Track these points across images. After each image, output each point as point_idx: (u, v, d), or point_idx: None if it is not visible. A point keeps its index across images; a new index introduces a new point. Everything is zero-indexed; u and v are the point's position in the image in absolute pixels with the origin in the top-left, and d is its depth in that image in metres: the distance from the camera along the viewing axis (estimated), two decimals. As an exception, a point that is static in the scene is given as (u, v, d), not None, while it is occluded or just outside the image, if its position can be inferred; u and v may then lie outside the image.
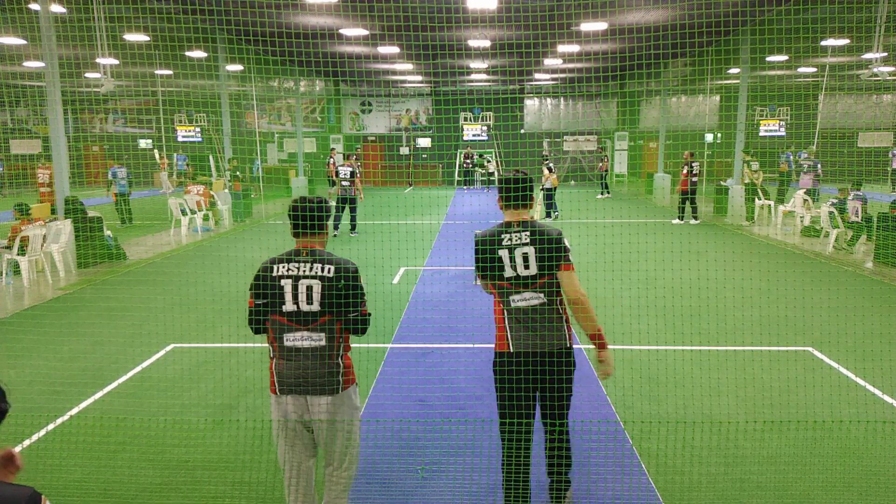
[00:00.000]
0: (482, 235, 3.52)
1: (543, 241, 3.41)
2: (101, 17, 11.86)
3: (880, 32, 12.93)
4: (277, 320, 3.14)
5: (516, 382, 3.51)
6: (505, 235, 3.45)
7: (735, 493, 4.10)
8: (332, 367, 3.16)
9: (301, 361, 3.12)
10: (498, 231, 3.49)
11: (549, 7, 14.98)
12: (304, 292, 3.09)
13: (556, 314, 3.47)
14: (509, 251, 3.42)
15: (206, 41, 18.24)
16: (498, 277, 3.46)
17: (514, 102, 34.09)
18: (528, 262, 3.40)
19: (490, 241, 3.47)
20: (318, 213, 3.24)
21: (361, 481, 4.24)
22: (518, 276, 3.42)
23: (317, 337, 3.12)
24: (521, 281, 3.42)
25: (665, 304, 8.21)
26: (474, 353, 6.77)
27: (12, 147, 30.46)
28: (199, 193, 16.57)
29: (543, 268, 3.40)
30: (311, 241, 3.25)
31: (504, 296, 3.48)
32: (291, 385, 3.14)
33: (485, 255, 3.46)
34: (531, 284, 3.42)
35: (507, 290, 3.46)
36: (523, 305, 3.45)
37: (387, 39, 20.17)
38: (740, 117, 18.68)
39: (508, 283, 3.44)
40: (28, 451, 4.67)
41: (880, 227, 11.46)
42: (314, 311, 3.11)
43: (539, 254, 3.40)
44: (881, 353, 6.59)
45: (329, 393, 3.15)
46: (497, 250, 3.43)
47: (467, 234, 12.45)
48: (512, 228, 3.47)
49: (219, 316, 8.31)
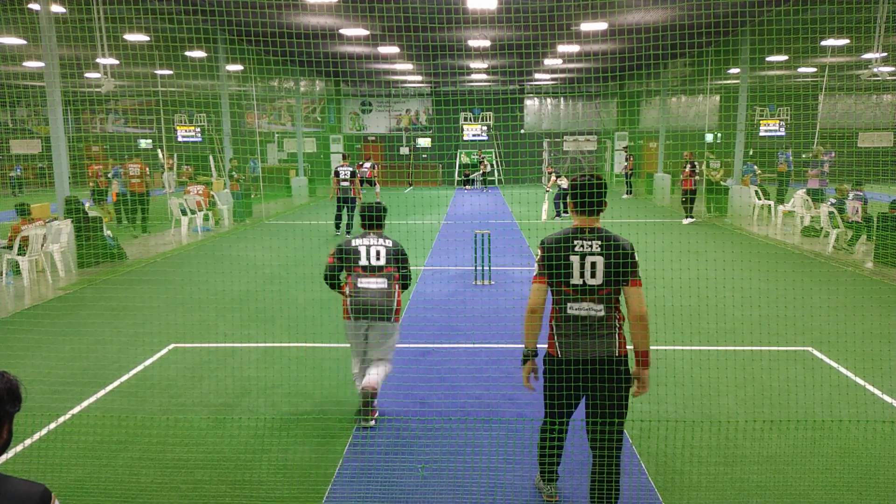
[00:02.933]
0: (554, 240, 3.46)
1: (614, 253, 3.35)
2: (101, 17, 11.86)
3: (880, 32, 12.92)
4: (355, 270, 4.94)
5: (564, 390, 3.49)
6: (577, 241, 3.39)
7: (735, 493, 4.10)
8: (392, 303, 4.95)
9: (371, 297, 4.89)
10: (571, 237, 3.41)
11: (549, 7, 14.98)
12: (374, 254, 4.97)
13: (610, 327, 3.41)
14: (581, 258, 3.36)
15: (206, 41, 18.23)
16: (564, 283, 3.40)
17: (514, 102, 34.10)
18: (596, 272, 3.35)
19: (563, 247, 3.39)
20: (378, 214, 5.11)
21: (362, 481, 4.25)
22: (584, 283, 3.37)
23: (381, 281, 4.94)
24: (585, 289, 3.38)
25: (665, 304, 8.21)
26: (474, 353, 6.77)
27: (12, 147, 30.45)
28: (199, 193, 16.57)
29: (609, 281, 3.36)
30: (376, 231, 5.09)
31: (562, 302, 3.44)
32: (360, 314, 4.90)
33: (558, 260, 3.39)
34: (593, 295, 3.38)
35: (568, 296, 3.41)
36: (580, 314, 3.40)
37: (387, 39, 20.18)
38: (740, 117, 18.69)
39: (572, 290, 3.39)
40: (29, 451, 4.67)
41: (880, 227, 11.47)
42: (381, 265, 4.96)
43: (607, 264, 3.35)
44: (881, 353, 6.59)
45: (387, 321, 4.94)
46: (570, 256, 3.37)
47: (467, 233, 12.45)
48: (584, 235, 3.40)
49: (219, 316, 8.32)
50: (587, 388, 3.46)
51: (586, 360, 3.39)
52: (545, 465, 3.86)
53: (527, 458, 4.45)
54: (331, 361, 6.54)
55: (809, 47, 18.33)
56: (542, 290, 3.47)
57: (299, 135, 26.69)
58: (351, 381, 5.48)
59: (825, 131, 23.80)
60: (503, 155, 33.55)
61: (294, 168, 26.93)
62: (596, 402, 3.46)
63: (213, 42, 18.45)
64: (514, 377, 6.08)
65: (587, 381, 3.42)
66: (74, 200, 11.52)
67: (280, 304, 8.71)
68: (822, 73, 23.55)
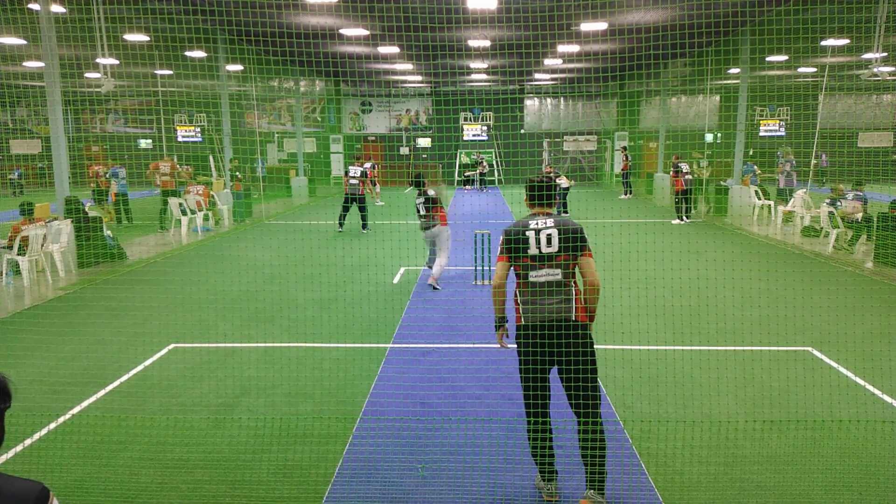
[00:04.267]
0: (513, 225, 4.04)
1: (564, 228, 3.94)
2: (101, 17, 11.86)
3: (880, 32, 12.92)
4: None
5: (532, 354, 3.92)
6: (532, 222, 3.99)
7: (735, 493, 4.10)
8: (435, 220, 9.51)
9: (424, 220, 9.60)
10: (526, 220, 4.03)
11: (548, 7, 14.98)
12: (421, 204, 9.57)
13: (567, 292, 3.90)
14: (536, 233, 3.93)
15: (206, 41, 18.23)
16: (522, 255, 3.93)
17: (514, 102, 34.10)
18: (551, 242, 3.90)
19: (520, 228, 3.98)
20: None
21: (361, 481, 4.25)
22: (541, 253, 3.89)
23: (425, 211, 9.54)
24: (542, 256, 3.89)
25: (665, 303, 8.22)
26: (474, 353, 6.77)
27: (12, 147, 30.47)
28: (199, 193, 16.56)
29: (564, 248, 3.89)
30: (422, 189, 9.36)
31: (524, 270, 3.94)
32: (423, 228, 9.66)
33: (515, 237, 3.95)
34: (550, 261, 3.89)
35: (528, 265, 3.92)
36: (539, 280, 3.90)
37: (387, 39, 20.18)
38: (740, 117, 18.69)
39: (531, 260, 3.91)
40: (29, 451, 4.67)
41: (880, 227, 11.47)
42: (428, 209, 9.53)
43: (561, 236, 3.90)
44: (881, 353, 6.59)
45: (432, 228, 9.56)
46: (525, 232, 3.95)
47: (467, 233, 12.46)
48: (538, 217, 4.02)
49: (219, 316, 8.32)
50: (553, 353, 3.88)
51: (549, 323, 3.86)
52: (541, 464, 4.08)
53: (527, 458, 4.45)
54: (331, 361, 6.54)
55: (809, 47, 18.32)
56: (504, 267, 4.01)
57: (299, 135, 26.69)
58: (351, 380, 5.71)
59: (825, 131, 23.79)
60: (503, 155, 33.55)
61: (294, 168, 26.94)
62: (564, 366, 3.87)
63: (213, 42, 18.45)
64: (514, 377, 6.09)
65: (553, 346, 3.86)
66: (74, 200, 11.52)
67: (280, 304, 8.71)
68: (822, 73, 23.54)
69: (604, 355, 6.67)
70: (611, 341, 7.05)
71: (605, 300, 8.57)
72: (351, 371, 6.25)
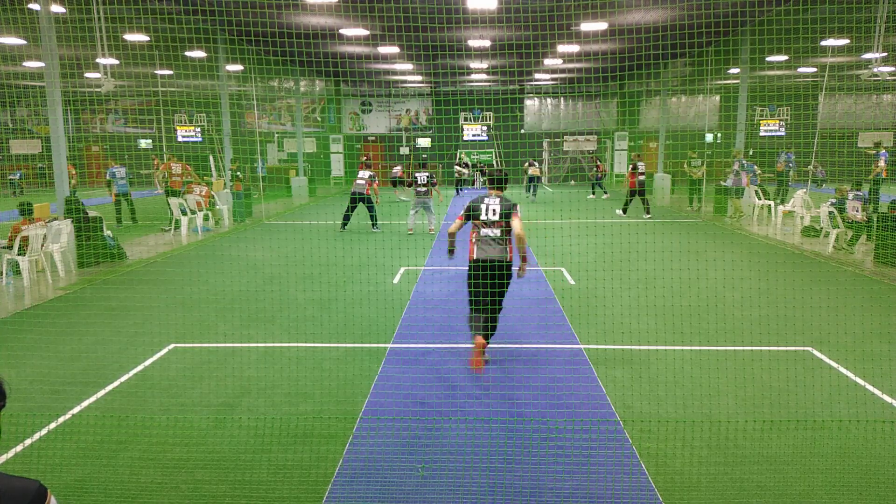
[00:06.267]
0: (472, 200, 6.31)
1: (504, 204, 6.18)
2: (101, 17, 11.86)
3: (880, 32, 12.93)
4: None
5: (476, 278, 6.13)
6: (487, 198, 6.25)
7: (735, 493, 4.10)
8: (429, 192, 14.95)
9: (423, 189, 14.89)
10: (483, 197, 6.29)
11: (548, 7, 14.98)
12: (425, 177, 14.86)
13: (503, 241, 6.14)
14: (486, 206, 6.17)
15: (206, 41, 18.24)
16: (476, 219, 6.21)
17: (514, 102, 34.11)
18: (495, 212, 6.13)
19: (478, 203, 6.24)
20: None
21: (361, 481, 4.25)
22: (488, 219, 6.15)
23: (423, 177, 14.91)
24: (489, 221, 6.15)
25: (665, 304, 8.21)
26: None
27: (12, 147, 30.46)
28: (199, 194, 16.56)
29: (503, 215, 6.12)
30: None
31: (477, 228, 6.20)
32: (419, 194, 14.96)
33: (474, 207, 6.22)
34: (494, 224, 6.14)
35: (479, 226, 6.19)
36: (487, 234, 6.16)
37: (387, 39, 20.18)
38: (740, 117, 18.70)
39: (482, 223, 6.17)
40: (29, 450, 4.67)
41: (880, 227, 11.46)
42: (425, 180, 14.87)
43: (503, 210, 6.13)
44: (881, 353, 6.59)
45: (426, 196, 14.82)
46: (480, 206, 6.19)
47: (467, 234, 12.46)
48: (491, 196, 6.28)
49: (219, 316, 8.32)
50: (488, 276, 6.05)
51: (489, 262, 6.08)
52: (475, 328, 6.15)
53: (527, 458, 4.45)
54: (331, 361, 6.55)
55: (809, 47, 18.34)
56: (459, 224, 6.30)
57: (299, 135, 26.69)
58: (350, 380, 5.73)
59: (825, 131, 23.80)
60: (503, 155, 33.55)
61: (294, 168, 26.94)
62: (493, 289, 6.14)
63: (213, 42, 18.46)
64: (513, 377, 6.09)
65: (491, 277, 6.06)
66: (74, 200, 11.52)
67: (280, 304, 8.71)
68: (822, 73, 23.55)
69: (604, 355, 6.67)
70: (611, 341, 7.05)
71: (605, 300, 8.60)
72: (351, 371, 6.25)
